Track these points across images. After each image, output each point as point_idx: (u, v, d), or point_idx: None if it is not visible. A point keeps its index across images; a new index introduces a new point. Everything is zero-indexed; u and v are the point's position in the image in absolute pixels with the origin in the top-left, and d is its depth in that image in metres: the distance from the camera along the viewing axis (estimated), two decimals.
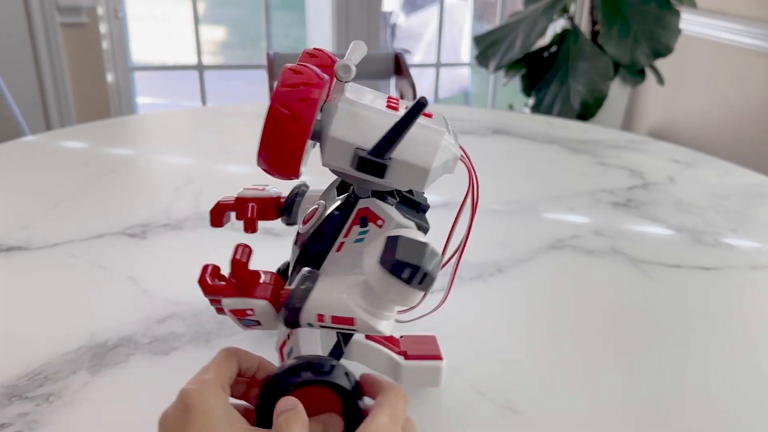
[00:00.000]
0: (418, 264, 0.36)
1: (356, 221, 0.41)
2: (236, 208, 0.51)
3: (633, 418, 0.51)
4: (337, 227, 0.41)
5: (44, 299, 0.64)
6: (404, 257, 0.36)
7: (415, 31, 4.17)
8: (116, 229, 0.79)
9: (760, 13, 2.15)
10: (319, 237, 0.42)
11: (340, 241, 0.41)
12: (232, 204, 0.51)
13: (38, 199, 0.87)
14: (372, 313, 0.39)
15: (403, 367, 0.49)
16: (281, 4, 5.87)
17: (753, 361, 0.59)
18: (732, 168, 1.10)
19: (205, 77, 2.48)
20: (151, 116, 1.46)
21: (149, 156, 1.10)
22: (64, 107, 2.16)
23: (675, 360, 0.58)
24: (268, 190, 0.52)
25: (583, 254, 0.77)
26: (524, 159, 1.12)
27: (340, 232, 0.41)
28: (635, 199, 0.95)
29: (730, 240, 0.83)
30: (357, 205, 0.41)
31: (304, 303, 0.39)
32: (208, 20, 5.64)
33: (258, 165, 0.37)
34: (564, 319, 0.64)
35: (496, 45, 2.25)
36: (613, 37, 2.11)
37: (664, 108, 2.60)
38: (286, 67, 0.37)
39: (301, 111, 0.35)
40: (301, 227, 0.45)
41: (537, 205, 0.91)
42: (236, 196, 0.51)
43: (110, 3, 2.23)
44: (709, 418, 0.51)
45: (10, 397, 0.50)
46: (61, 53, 2.11)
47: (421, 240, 0.38)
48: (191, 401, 0.36)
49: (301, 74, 0.36)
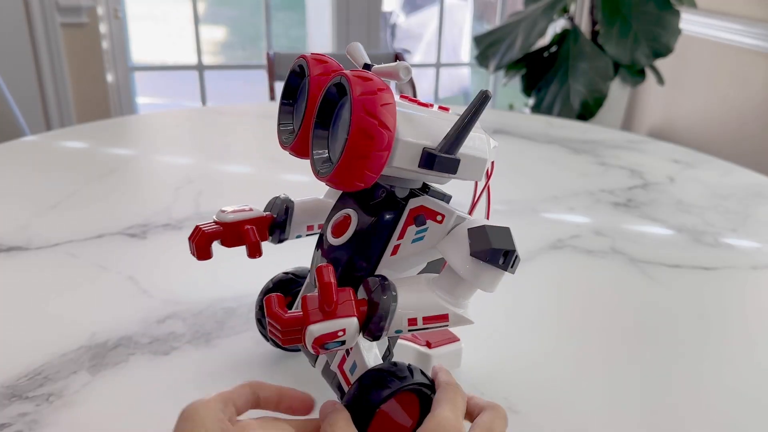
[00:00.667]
0: (511, 248, 0.37)
1: (410, 221, 0.41)
2: (227, 234, 0.48)
3: (633, 417, 0.51)
4: (390, 231, 0.41)
5: (44, 299, 0.64)
6: (498, 245, 0.37)
7: (415, 31, 4.17)
8: (116, 229, 0.79)
9: (760, 13, 2.15)
10: (367, 244, 0.41)
11: (395, 244, 0.41)
12: (220, 231, 0.48)
13: (38, 199, 0.87)
14: (457, 305, 0.39)
15: (431, 356, 0.51)
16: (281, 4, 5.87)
17: (752, 360, 0.59)
18: (732, 168, 1.10)
19: (205, 77, 2.48)
20: (151, 116, 1.46)
21: (149, 156, 1.10)
22: (64, 107, 2.16)
23: (675, 359, 0.58)
24: (256, 209, 0.49)
25: (583, 254, 0.77)
26: (524, 159, 1.12)
27: (392, 236, 0.41)
28: (635, 199, 0.95)
29: (730, 240, 0.83)
30: (408, 205, 0.41)
31: (394, 311, 0.37)
32: (208, 20, 5.64)
33: (327, 178, 0.37)
34: (564, 319, 0.64)
35: (496, 45, 2.25)
36: (613, 37, 2.11)
37: (664, 108, 2.60)
38: (351, 74, 0.36)
39: (387, 117, 0.36)
40: (332, 239, 0.43)
41: (537, 205, 0.91)
42: (220, 221, 0.48)
43: (110, 3, 2.23)
44: (709, 418, 0.51)
45: (11, 397, 0.50)
46: (61, 53, 2.11)
47: (501, 225, 0.38)
48: (183, 412, 0.37)
49: (371, 80, 0.36)
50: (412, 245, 0.41)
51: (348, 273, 0.42)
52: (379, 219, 0.41)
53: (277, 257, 0.55)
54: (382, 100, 0.35)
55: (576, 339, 0.61)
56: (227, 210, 0.49)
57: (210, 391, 0.50)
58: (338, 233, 0.43)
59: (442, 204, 0.41)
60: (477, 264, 0.37)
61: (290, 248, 0.53)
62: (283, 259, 0.56)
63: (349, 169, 0.36)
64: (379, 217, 0.41)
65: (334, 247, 0.43)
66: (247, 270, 0.57)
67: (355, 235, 0.42)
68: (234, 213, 0.48)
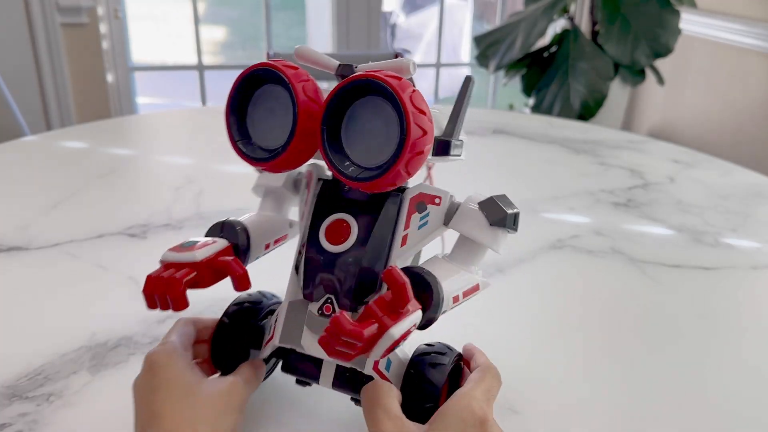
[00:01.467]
0: (517, 210, 0.42)
1: (412, 210, 0.42)
2: (203, 274, 0.42)
3: (633, 417, 0.51)
4: (395, 223, 0.42)
5: (44, 299, 0.64)
6: (510, 210, 0.41)
7: (415, 31, 4.17)
8: (116, 229, 0.79)
9: (760, 13, 2.15)
10: (379, 241, 0.41)
11: (403, 234, 0.42)
12: (195, 275, 0.41)
13: (38, 199, 0.87)
14: (477, 273, 0.43)
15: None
16: (281, 4, 5.86)
17: (752, 360, 0.59)
18: (732, 168, 1.10)
19: (205, 77, 2.48)
20: (151, 116, 1.46)
21: (149, 156, 1.10)
22: (64, 107, 2.16)
23: (675, 360, 0.58)
24: (214, 239, 0.44)
25: (583, 254, 0.78)
26: (524, 159, 1.12)
27: (398, 227, 0.42)
28: (635, 199, 0.95)
29: (730, 240, 0.83)
30: (406, 194, 0.42)
31: (443, 295, 0.39)
32: (208, 20, 5.64)
33: (371, 183, 0.37)
34: (564, 319, 0.64)
35: (496, 45, 2.25)
36: (613, 37, 2.11)
37: (664, 108, 2.60)
38: (382, 75, 0.36)
39: (429, 111, 0.37)
40: (331, 246, 0.42)
41: (537, 205, 0.91)
42: (191, 261, 0.41)
43: (110, 3, 2.23)
44: (708, 418, 0.51)
45: (11, 397, 0.50)
46: (61, 53, 2.11)
47: (498, 194, 0.42)
48: (155, 361, 0.40)
49: (401, 78, 0.37)
50: (419, 231, 0.42)
51: (366, 274, 0.41)
52: (383, 215, 0.42)
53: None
54: (421, 95, 0.37)
55: (576, 339, 0.61)
56: (184, 248, 0.42)
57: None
58: (337, 239, 0.42)
59: (435, 187, 0.43)
60: (496, 231, 0.41)
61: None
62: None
63: (407, 166, 0.36)
64: (384, 212, 0.42)
65: (335, 254, 0.42)
66: (247, 270, 0.56)
67: (361, 236, 0.41)
68: (201, 249, 0.42)
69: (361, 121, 0.38)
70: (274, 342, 0.44)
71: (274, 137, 0.40)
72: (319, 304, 0.42)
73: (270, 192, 0.50)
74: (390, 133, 0.37)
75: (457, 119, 0.41)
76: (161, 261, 0.43)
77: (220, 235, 0.45)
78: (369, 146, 0.38)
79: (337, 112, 0.38)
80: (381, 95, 0.37)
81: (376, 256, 0.41)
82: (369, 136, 0.38)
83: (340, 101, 0.38)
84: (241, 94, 0.41)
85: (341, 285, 0.42)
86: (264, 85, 0.40)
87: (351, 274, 0.41)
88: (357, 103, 0.38)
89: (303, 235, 0.44)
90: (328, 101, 0.38)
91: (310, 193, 0.45)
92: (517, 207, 0.42)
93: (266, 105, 0.41)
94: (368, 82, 0.36)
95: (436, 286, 0.38)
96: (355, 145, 0.38)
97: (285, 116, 0.39)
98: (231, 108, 0.41)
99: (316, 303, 0.42)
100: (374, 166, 0.37)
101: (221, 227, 0.46)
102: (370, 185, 0.37)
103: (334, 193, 0.43)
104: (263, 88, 0.41)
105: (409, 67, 0.38)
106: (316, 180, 0.45)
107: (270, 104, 0.41)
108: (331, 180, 0.44)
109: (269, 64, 0.39)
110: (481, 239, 0.41)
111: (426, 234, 0.42)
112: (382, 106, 0.37)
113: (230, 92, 0.41)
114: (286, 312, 0.44)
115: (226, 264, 0.42)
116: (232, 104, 0.41)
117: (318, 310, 0.42)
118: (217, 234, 0.45)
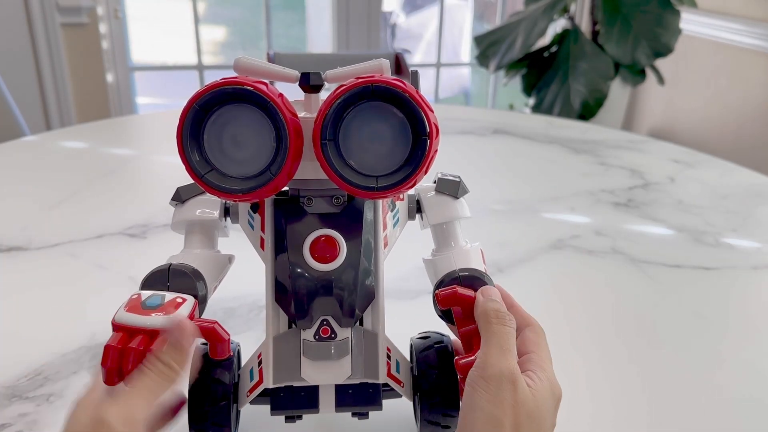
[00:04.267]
0: (457, 175, 0.46)
1: (385, 210, 0.43)
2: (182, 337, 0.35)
3: (633, 417, 0.51)
4: (376, 227, 0.41)
5: (44, 299, 0.64)
6: (455, 178, 0.46)
7: (415, 31, 4.17)
8: (116, 229, 0.79)
9: (760, 13, 2.15)
10: (369, 249, 0.40)
11: (383, 236, 0.42)
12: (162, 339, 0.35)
13: (38, 199, 0.87)
14: (468, 243, 0.45)
15: None
16: (281, 4, 5.86)
17: (752, 360, 0.59)
18: (732, 168, 1.10)
19: (206, 77, 2.48)
20: (151, 116, 1.46)
21: (149, 156, 1.10)
22: (64, 107, 2.16)
23: (675, 359, 0.58)
24: (188, 298, 0.39)
25: (584, 254, 0.77)
26: (524, 159, 1.12)
27: (377, 230, 0.41)
28: (635, 199, 0.95)
29: (730, 240, 0.83)
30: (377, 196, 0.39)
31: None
32: (208, 20, 5.63)
33: (394, 189, 0.36)
34: (564, 319, 0.64)
35: (496, 45, 2.25)
36: (613, 37, 2.11)
37: (664, 108, 2.60)
38: (387, 78, 0.35)
39: (437, 121, 0.37)
40: (321, 266, 0.39)
41: (537, 205, 0.91)
42: (163, 327, 0.35)
43: (110, 3, 2.23)
44: (708, 418, 0.51)
45: (11, 397, 0.50)
46: (61, 53, 2.11)
47: (438, 174, 0.46)
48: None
49: (404, 82, 0.36)
50: (394, 230, 0.43)
51: (364, 285, 0.40)
52: (366, 220, 0.40)
53: None
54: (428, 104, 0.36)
55: (576, 339, 0.61)
56: (149, 308, 0.36)
57: None
58: (326, 257, 0.39)
59: None
60: (461, 200, 0.45)
61: None
62: None
63: (426, 169, 0.36)
64: (365, 218, 0.40)
65: (328, 272, 0.39)
66: (247, 270, 0.56)
67: (351, 247, 0.39)
68: (174, 312, 0.36)
69: (362, 128, 0.36)
70: (265, 384, 0.41)
71: (247, 164, 0.36)
72: (314, 328, 0.40)
73: (196, 226, 0.44)
74: (399, 137, 0.36)
75: None
76: (118, 325, 0.36)
77: (167, 285, 0.39)
78: (376, 153, 0.36)
79: (333, 123, 0.35)
80: (386, 99, 0.35)
81: (370, 264, 0.40)
82: (374, 143, 0.36)
83: (337, 112, 0.35)
84: (196, 119, 0.35)
85: (341, 303, 0.39)
86: (218, 108, 0.35)
87: (351, 288, 0.39)
88: (354, 110, 0.35)
89: (280, 263, 0.40)
90: (325, 114, 0.35)
91: (267, 218, 0.41)
92: (456, 174, 0.46)
93: (230, 129, 0.36)
94: (373, 88, 0.35)
95: (484, 275, 0.41)
96: (359, 154, 0.36)
97: (258, 138, 0.35)
98: (187, 137, 0.35)
99: (311, 329, 0.40)
100: (388, 172, 0.36)
101: (168, 275, 0.40)
102: (387, 193, 0.36)
103: (296, 211, 0.40)
104: (220, 111, 0.35)
105: (388, 67, 0.37)
106: (271, 202, 0.41)
107: (236, 128, 0.35)
108: (286, 198, 0.41)
109: (238, 81, 0.34)
110: (459, 215, 0.45)
111: (399, 230, 0.44)
112: (386, 111, 0.35)
113: (183, 116, 0.35)
114: (273, 349, 0.41)
115: (209, 330, 0.36)
116: (188, 132, 0.35)
117: (314, 335, 0.39)
118: (165, 283, 0.39)
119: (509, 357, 0.35)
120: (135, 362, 0.34)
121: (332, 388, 0.42)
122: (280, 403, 0.42)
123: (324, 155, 0.35)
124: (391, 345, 0.42)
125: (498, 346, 0.36)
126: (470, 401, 0.34)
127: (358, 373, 0.40)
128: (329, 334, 0.39)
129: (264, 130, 0.35)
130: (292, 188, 0.40)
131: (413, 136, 0.35)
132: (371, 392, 0.41)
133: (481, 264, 0.44)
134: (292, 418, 0.42)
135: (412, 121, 0.35)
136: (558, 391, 0.37)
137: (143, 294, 0.38)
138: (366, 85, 0.34)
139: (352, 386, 0.42)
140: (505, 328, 0.37)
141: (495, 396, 0.34)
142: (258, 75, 0.36)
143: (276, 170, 0.35)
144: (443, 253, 0.44)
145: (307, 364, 0.40)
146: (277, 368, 0.40)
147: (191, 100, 0.35)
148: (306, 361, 0.40)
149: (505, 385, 0.34)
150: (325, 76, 0.37)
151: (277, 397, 0.42)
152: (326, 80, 0.38)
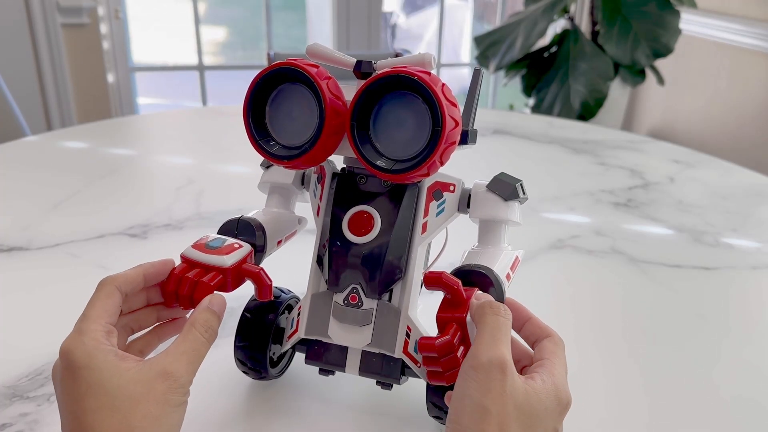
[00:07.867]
0: (520, 180, 0.46)
1: (430, 198, 0.44)
2: (230, 278, 0.42)
3: (633, 416, 0.51)
4: (415, 212, 0.43)
5: (45, 299, 0.64)
6: (514, 182, 0.45)
7: (415, 31, 4.17)
8: (117, 229, 0.79)
9: (760, 13, 2.15)
10: (403, 229, 0.43)
11: (423, 222, 0.44)
12: (220, 278, 0.41)
13: (39, 199, 0.87)
14: (507, 248, 0.46)
15: None
16: (282, 4, 5.87)
17: (752, 360, 0.59)
18: (732, 168, 1.10)
19: (206, 77, 2.48)
20: (151, 116, 1.46)
21: (150, 156, 1.10)
22: (64, 107, 2.16)
23: (674, 359, 0.58)
24: (239, 242, 0.44)
25: (584, 254, 0.78)
26: (524, 159, 1.13)
27: (417, 215, 0.43)
28: (635, 199, 0.95)
29: (730, 240, 0.83)
30: (423, 183, 0.44)
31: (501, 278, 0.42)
32: (208, 20, 5.63)
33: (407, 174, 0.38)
34: (564, 319, 0.64)
35: (496, 45, 2.25)
36: (613, 38, 2.11)
37: (664, 108, 2.60)
38: (414, 70, 0.38)
39: (457, 114, 0.39)
40: (356, 238, 0.43)
41: (537, 205, 0.92)
42: (220, 265, 0.41)
43: (111, 4, 2.23)
44: (708, 418, 0.51)
45: (12, 397, 0.50)
46: (62, 54, 2.11)
47: (498, 173, 0.46)
48: (74, 361, 0.36)
49: (430, 72, 0.38)
50: (437, 218, 0.44)
51: (391, 262, 0.43)
52: (404, 204, 0.43)
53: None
54: (449, 89, 0.38)
55: (576, 339, 0.61)
56: (210, 249, 0.42)
57: (210, 390, 0.50)
58: (361, 231, 0.43)
59: (449, 175, 0.44)
60: (511, 204, 0.45)
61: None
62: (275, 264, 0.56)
63: (441, 156, 0.38)
64: (405, 202, 0.43)
65: (360, 245, 0.43)
66: None
67: (384, 226, 0.43)
68: (230, 254, 0.42)
69: (390, 115, 0.40)
70: (299, 334, 0.45)
71: (297, 135, 0.41)
72: (345, 294, 0.44)
73: (277, 189, 0.51)
74: (420, 126, 0.39)
75: (471, 110, 0.44)
76: (184, 257, 0.42)
77: (235, 232, 0.46)
78: (399, 139, 0.40)
79: (366, 107, 0.39)
80: (411, 90, 0.38)
81: (400, 244, 0.43)
82: (399, 130, 0.39)
83: (368, 97, 0.39)
84: (259, 93, 0.41)
85: (368, 274, 0.43)
86: (282, 85, 0.41)
87: (377, 263, 0.42)
88: (385, 97, 0.39)
89: (324, 229, 0.44)
90: (358, 97, 0.39)
91: (325, 189, 0.45)
92: (518, 178, 0.46)
93: (287, 104, 0.41)
94: (399, 78, 0.38)
95: (492, 273, 0.42)
96: (385, 139, 0.40)
97: (307, 114, 0.41)
98: (250, 107, 0.41)
99: (342, 293, 0.44)
100: (407, 158, 0.39)
101: (237, 225, 0.46)
102: (403, 177, 0.39)
103: (350, 187, 0.44)
104: (282, 87, 0.41)
105: (431, 61, 0.39)
106: (330, 175, 0.45)
107: (291, 103, 0.41)
108: (345, 174, 0.45)
109: (292, 63, 0.40)
110: (502, 216, 0.45)
111: (443, 220, 0.44)
112: (412, 100, 0.39)
113: (249, 91, 0.41)
114: (310, 304, 0.45)
115: (255, 274, 0.42)
116: (250, 104, 0.41)
117: (344, 300, 0.44)
118: (233, 231, 0.46)
119: (501, 346, 0.35)
120: (189, 289, 0.41)
121: (359, 353, 0.45)
122: (314, 354, 0.46)
123: (351, 135, 0.39)
124: (414, 325, 0.43)
125: (490, 335, 0.36)
126: (460, 390, 0.35)
127: (376, 344, 0.44)
128: (356, 302, 0.43)
129: (311, 107, 0.40)
130: (349, 166, 0.45)
131: (432, 127, 0.38)
132: (392, 365, 0.44)
133: (505, 267, 0.44)
134: (326, 372, 0.47)
135: (433, 112, 0.38)
136: (565, 398, 0.37)
137: (210, 236, 0.44)
138: (393, 74, 0.38)
139: (376, 356, 0.44)
140: (499, 319, 0.37)
141: (483, 384, 0.34)
142: (324, 59, 0.42)
143: (311, 144, 0.40)
144: (477, 249, 0.46)
145: (334, 324, 0.44)
146: (310, 322, 0.45)
147: (255, 78, 0.41)
148: (333, 322, 0.44)
149: (494, 374, 0.34)
150: (376, 65, 0.41)
151: (312, 350, 0.46)
152: (376, 69, 0.41)
